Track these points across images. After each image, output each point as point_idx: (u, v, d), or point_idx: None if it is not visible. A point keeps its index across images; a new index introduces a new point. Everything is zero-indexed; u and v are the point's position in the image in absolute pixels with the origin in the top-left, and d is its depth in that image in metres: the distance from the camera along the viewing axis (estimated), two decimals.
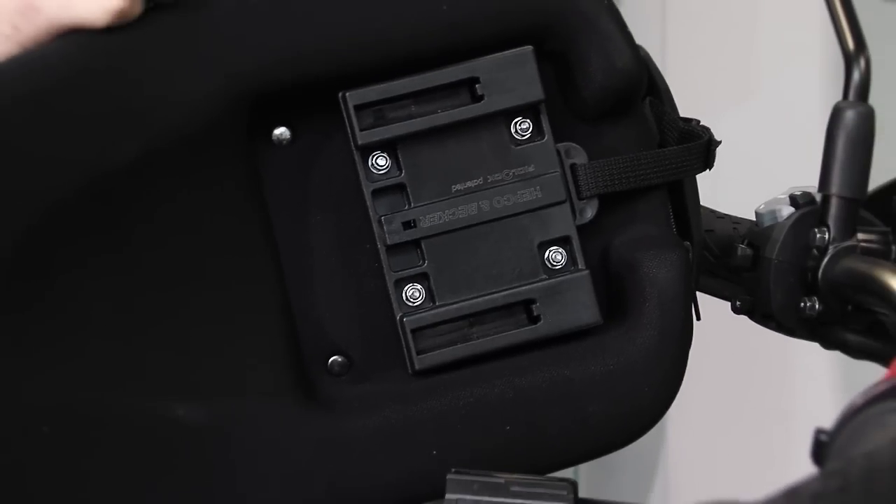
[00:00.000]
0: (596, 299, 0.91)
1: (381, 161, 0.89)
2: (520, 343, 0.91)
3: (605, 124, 0.93)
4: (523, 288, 0.91)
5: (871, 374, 0.82)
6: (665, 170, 0.93)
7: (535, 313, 0.91)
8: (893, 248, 0.95)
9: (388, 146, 0.89)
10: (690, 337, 0.93)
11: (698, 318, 0.94)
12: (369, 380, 0.91)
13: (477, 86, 0.90)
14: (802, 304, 0.95)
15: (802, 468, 0.56)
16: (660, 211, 0.94)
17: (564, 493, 0.89)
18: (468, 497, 0.90)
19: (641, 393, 0.91)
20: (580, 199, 0.91)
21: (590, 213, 0.92)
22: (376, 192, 0.90)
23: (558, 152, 0.91)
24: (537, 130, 0.91)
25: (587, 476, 1.65)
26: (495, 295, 0.91)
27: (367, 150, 0.89)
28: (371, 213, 0.89)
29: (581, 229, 0.91)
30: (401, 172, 0.89)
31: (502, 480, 0.90)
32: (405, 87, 0.89)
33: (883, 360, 0.92)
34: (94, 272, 0.84)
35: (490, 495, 0.90)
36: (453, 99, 0.90)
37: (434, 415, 0.89)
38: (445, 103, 0.90)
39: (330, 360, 0.91)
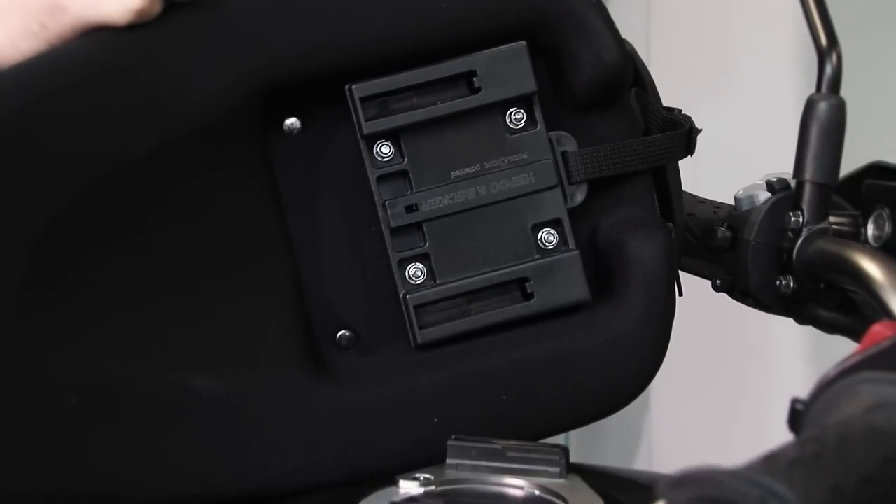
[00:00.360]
0: (585, 277, 0.91)
1: (385, 149, 0.89)
2: (515, 318, 0.92)
3: (593, 114, 0.93)
4: (518, 267, 0.91)
5: (841, 348, 0.82)
6: (649, 156, 0.93)
7: (528, 291, 0.91)
8: (863, 230, 0.94)
9: (391, 135, 0.90)
10: (673, 312, 0.93)
11: (680, 295, 0.95)
12: (375, 353, 0.91)
13: (474, 79, 0.90)
14: (778, 282, 0.95)
15: (779, 436, 0.56)
16: (645, 195, 0.94)
17: (557, 458, 0.89)
18: (467, 462, 0.90)
19: (628, 364, 0.91)
20: (570, 183, 0.91)
21: (579, 196, 0.92)
22: (381, 178, 0.90)
23: (550, 140, 0.91)
24: (531, 120, 0.91)
25: (577, 443, 1.65)
26: (492, 274, 0.91)
27: (372, 139, 0.89)
28: (376, 198, 0.90)
29: (571, 212, 0.92)
30: (403, 160, 0.90)
31: (499, 446, 0.90)
32: (407, 80, 0.89)
33: (853, 334, 0.92)
34: (116, 252, 0.85)
35: (487, 460, 0.90)
36: (452, 91, 0.90)
37: (435, 385, 0.89)
38: (445, 95, 0.90)
39: (338, 335, 0.91)
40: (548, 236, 0.91)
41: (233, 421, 0.86)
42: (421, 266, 0.91)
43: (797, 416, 0.60)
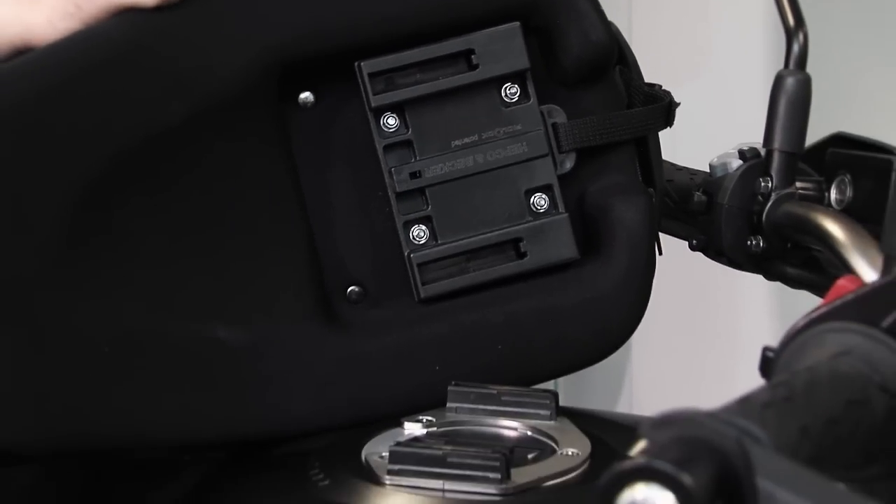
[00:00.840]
0: (574, 238, 0.91)
1: (392, 121, 0.89)
2: (509, 275, 0.92)
3: (581, 89, 0.93)
4: (512, 228, 0.91)
5: (806, 302, 0.81)
6: (632, 128, 0.93)
7: (522, 250, 0.91)
8: (826, 194, 0.94)
9: (397, 108, 0.90)
10: (654, 270, 0.93)
11: (660, 254, 0.95)
12: (382, 307, 0.92)
13: (472, 56, 0.90)
14: (749, 242, 0.95)
15: (749, 382, 0.56)
16: (628, 163, 0.94)
17: (547, 402, 0.89)
18: (466, 405, 0.90)
19: (612, 316, 0.91)
20: (560, 152, 0.91)
21: (568, 164, 0.92)
22: (387, 148, 0.90)
23: (542, 113, 0.91)
24: (524, 94, 0.91)
25: (565, 388, 1.64)
26: (488, 234, 0.91)
27: (379, 112, 0.89)
28: (383, 165, 0.90)
29: (561, 178, 0.91)
30: (408, 130, 0.90)
31: (495, 391, 0.90)
32: (412, 57, 0.89)
33: (817, 289, 0.92)
34: (147, 211, 0.85)
35: (484, 404, 0.90)
36: (452, 67, 0.90)
37: (437, 336, 0.90)
38: (446, 71, 0.90)
39: (348, 290, 0.91)
40: (539, 200, 0.91)
41: (253, 368, 0.87)
42: (424, 227, 0.90)
43: (768, 363, 0.60)
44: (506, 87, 0.91)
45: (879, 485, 0.57)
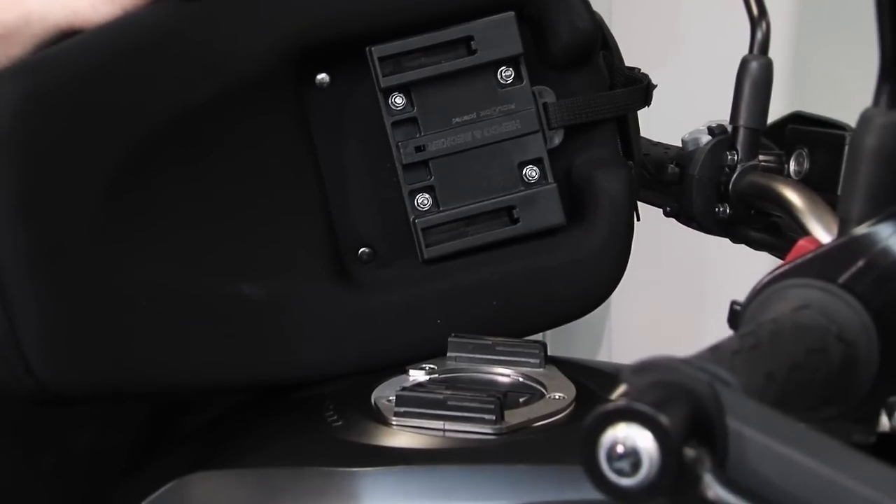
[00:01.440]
0: (561, 206, 0.90)
1: (399, 100, 0.89)
2: (504, 239, 0.92)
3: (569, 72, 0.92)
4: (506, 197, 0.91)
5: (766, 262, 0.81)
6: (614, 107, 0.93)
7: (515, 216, 0.91)
8: (786, 166, 0.94)
9: (404, 88, 0.89)
10: (632, 234, 0.93)
11: (638, 220, 0.94)
12: (390, 267, 0.92)
13: (472, 42, 0.89)
14: (717, 209, 0.95)
15: (720, 333, 0.55)
16: (610, 139, 0.94)
17: (537, 352, 0.89)
18: (464, 355, 0.90)
19: (595, 276, 0.91)
20: (549, 129, 0.91)
21: (557, 140, 0.91)
22: (395, 124, 0.89)
23: (533, 94, 0.91)
24: (518, 77, 0.90)
25: (552, 340, 1.64)
26: (485, 202, 0.91)
27: (387, 91, 0.89)
28: (391, 140, 0.89)
29: (550, 152, 0.91)
30: (413, 108, 0.89)
31: (490, 342, 0.90)
32: (417, 43, 0.89)
33: (777, 251, 0.92)
34: (180, 179, 0.85)
35: (481, 354, 0.90)
36: (454, 52, 0.90)
37: (438, 293, 0.90)
38: (448, 55, 0.89)
39: (359, 251, 0.91)
40: (531, 172, 0.91)
41: (274, 321, 0.86)
42: (427, 196, 0.90)
43: (735, 316, 0.59)
44: (501, 70, 0.90)
45: (835, 424, 0.57)
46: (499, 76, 0.90)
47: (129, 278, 0.82)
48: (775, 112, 0.97)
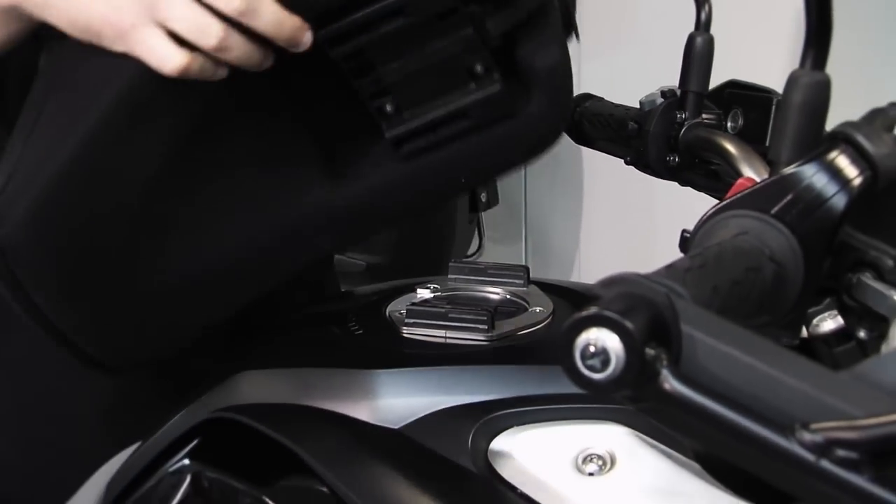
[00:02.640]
0: (509, 94, 0.80)
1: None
2: (466, 130, 0.82)
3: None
4: (461, 101, 0.80)
5: (707, 202, 0.80)
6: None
7: (469, 115, 0.81)
8: (724, 123, 0.93)
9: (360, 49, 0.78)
10: (570, 100, 0.88)
11: (578, 40, 0.88)
12: (372, 166, 0.83)
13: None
14: (668, 158, 0.94)
15: (671, 257, 0.54)
16: (542, 20, 0.81)
17: (521, 274, 0.88)
18: (462, 276, 0.89)
19: (542, 131, 0.82)
20: (491, 37, 0.79)
21: (497, 41, 0.79)
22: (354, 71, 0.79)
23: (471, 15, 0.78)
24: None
25: (533, 265, 1.64)
26: (443, 106, 0.80)
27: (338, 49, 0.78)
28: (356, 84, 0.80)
29: (495, 51, 0.79)
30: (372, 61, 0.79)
31: (482, 266, 0.89)
32: (365, 17, 0.76)
33: (716, 192, 0.91)
34: (238, 138, 0.79)
35: (476, 276, 0.89)
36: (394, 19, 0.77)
37: (412, 170, 0.82)
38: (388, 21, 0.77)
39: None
40: (478, 69, 0.79)
41: (290, 214, 0.81)
42: (391, 108, 0.80)
43: (685, 241, 0.59)
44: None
45: (767, 329, 0.56)
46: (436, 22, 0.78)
47: (177, 255, 0.77)
48: (716, 79, 0.95)
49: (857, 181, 0.55)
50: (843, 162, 0.55)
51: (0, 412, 0.97)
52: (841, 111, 0.61)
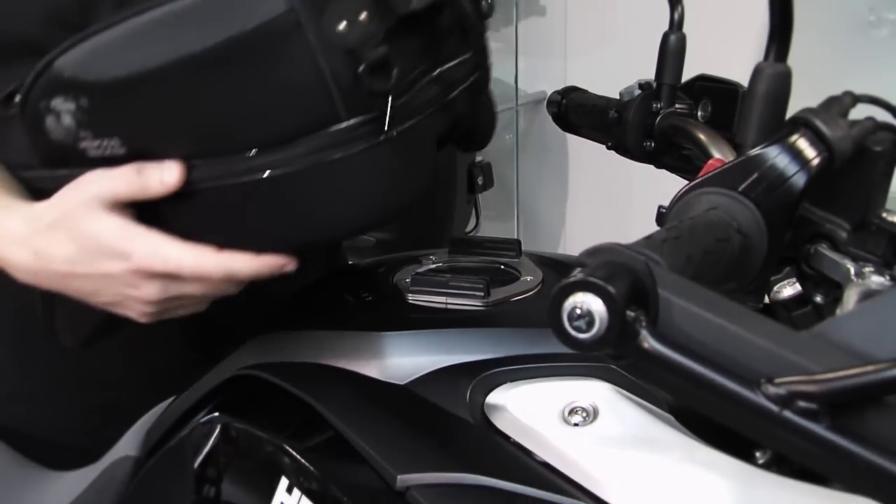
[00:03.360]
0: None
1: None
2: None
3: None
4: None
5: (678, 183, 0.79)
6: None
7: None
8: (695, 112, 0.91)
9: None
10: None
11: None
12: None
13: None
14: (645, 144, 0.93)
15: (649, 229, 0.53)
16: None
17: (514, 246, 0.88)
18: (461, 249, 0.88)
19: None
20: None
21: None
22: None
23: None
24: None
25: (524, 238, 1.64)
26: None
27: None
28: None
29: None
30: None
31: (480, 240, 0.88)
32: None
33: (688, 173, 0.90)
34: None
35: (473, 248, 0.88)
36: None
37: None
38: None
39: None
40: None
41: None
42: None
43: (661, 216, 0.58)
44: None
45: (734, 294, 0.55)
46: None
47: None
48: (688, 73, 0.93)
49: (816, 161, 0.54)
50: (802, 144, 0.55)
51: (61, 382, 0.98)
52: (801, 99, 0.60)
